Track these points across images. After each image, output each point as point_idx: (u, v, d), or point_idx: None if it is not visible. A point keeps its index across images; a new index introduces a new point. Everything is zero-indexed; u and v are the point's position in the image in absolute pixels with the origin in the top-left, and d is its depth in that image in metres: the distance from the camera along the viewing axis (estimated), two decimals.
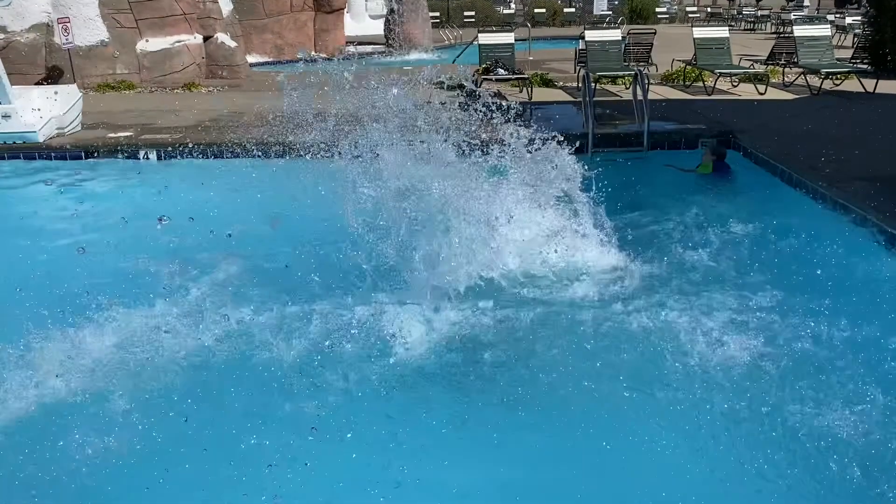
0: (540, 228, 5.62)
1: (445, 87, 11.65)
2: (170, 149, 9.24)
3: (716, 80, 12.39)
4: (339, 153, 5.68)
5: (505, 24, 28.75)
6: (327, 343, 4.56)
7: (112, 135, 9.72)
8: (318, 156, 5.87)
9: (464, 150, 5.56)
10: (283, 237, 6.16)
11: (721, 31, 13.52)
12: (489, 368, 4.38)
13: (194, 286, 5.40)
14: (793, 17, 21.95)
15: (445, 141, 5.53)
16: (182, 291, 5.31)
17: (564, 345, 4.54)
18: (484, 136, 5.97)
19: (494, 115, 5.87)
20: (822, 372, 4.15)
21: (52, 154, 9.29)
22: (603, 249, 5.72)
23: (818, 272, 5.40)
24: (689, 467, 3.52)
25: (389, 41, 22.19)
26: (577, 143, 6.34)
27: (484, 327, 4.77)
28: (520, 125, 5.82)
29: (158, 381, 4.27)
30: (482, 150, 5.70)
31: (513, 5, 34.46)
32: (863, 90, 12.02)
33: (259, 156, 9.03)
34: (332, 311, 4.90)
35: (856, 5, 23.33)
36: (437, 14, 30.30)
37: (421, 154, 5.57)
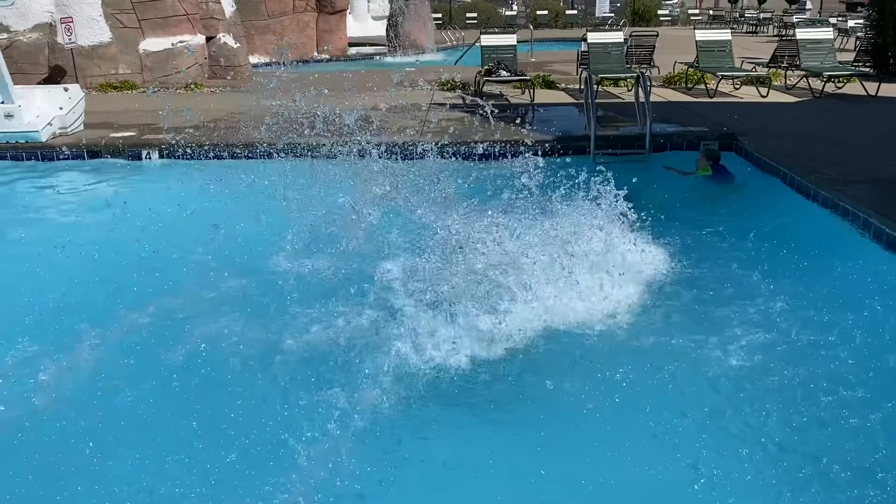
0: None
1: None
2: (172, 149, 9.25)
3: (718, 83, 12.39)
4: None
5: (507, 25, 28.78)
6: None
7: (114, 134, 9.73)
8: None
9: None
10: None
11: (723, 34, 13.51)
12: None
13: (199, 285, 5.40)
14: (795, 19, 21.94)
15: None
16: (186, 290, 5.31)
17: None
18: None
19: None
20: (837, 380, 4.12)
21: (55, 154, 9.30)
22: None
23: (818, 275, 5.41)
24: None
25: (391, 42, 22.22)
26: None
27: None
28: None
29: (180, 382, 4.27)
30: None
31: (515, 7, 34.52)
32: (865, 93, 12.02)
33: (260, 156, 9.04)
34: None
35: (867, 9, 23.26)
36: (440, 15, 30.37)
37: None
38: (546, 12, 34.08)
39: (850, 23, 22.50)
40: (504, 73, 12.09)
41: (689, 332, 4.67)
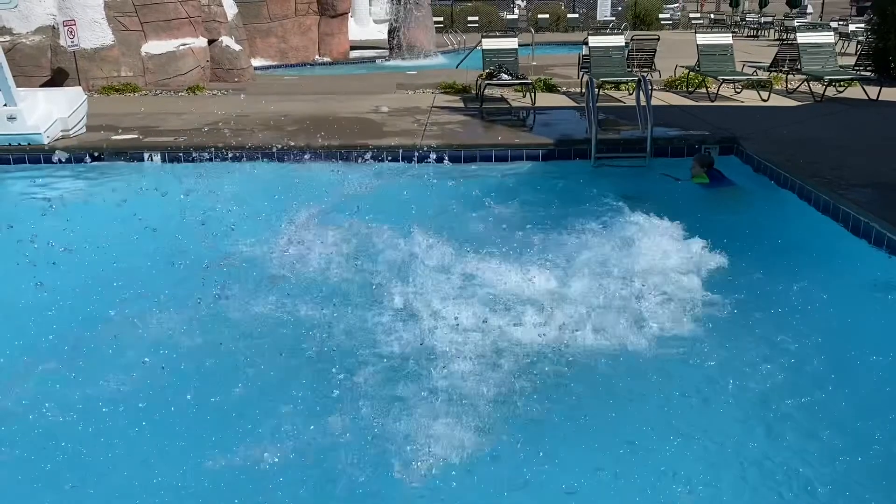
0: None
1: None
2: (174, 151, 9.27)
3: (719, 87, 12.41)
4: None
5: (508, 29, 28.83)
6: None
7: (117, 137, 9.75)
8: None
9: None
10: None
11: (724, 38, 13.54)
12: None
13: (207, 287, 5.40)
14: (796, 24, 21.98)
15: None
16: (194, 292, 5.32)
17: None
18: None
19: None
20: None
21: (57, 156, 9.30)
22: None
23: (819, 280, 5.41)
24: None
25: (393, 46, 22.25)
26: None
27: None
28: None
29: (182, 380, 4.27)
30: None
31: (516, 10, 34.52)
32: (866, 97, 12.03)
33: (262, 158, 9.07)
34: None
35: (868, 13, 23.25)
36: (441, 19, 30.39)
37: None
38: (547, 16, 34.11)
39: (851, 27, 22.53)
40: (505, 76, 12.11)
41: (689, 339, 4.67)
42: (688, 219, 6.33)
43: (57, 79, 13.51)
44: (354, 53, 22.86)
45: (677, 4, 39.34)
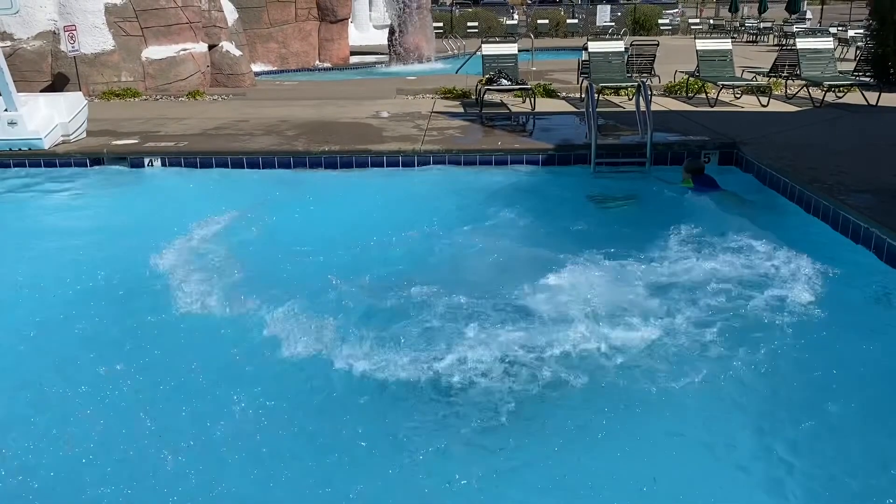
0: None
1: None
2: (174, 156, 9.27)
3: (718, 92, 12.43)
4: None
5: (508, 34, 28.84)
6: None
7: (117, 142, 9.76)
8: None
9: None
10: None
11: (724, 43, 13.55)
12: None
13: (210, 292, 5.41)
14: (795, 29, 21.99)
15: None
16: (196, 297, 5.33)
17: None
18: None
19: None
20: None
21: (58, 161, 9.32)
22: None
23: (819, 285, 5.41)
24: None
25: (393, 51, 22.29)
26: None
27: None
28: None
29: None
30: None
31: (516, 16, 34.55)
32: (865, 103, 12.05)
33: (261, 165, 9.08)
34: None
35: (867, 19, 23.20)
36: (441, 24, 30.42)
37: None
38: (547, 21, 34.15)
39: (851, 32, 22.57)
40: (505, 81, 12.13)
41: (686, 342, 4.67)
42: (681, 226, 6.37)
43: (57, 84, 13.54)
44: (354, 59, 22.91)
45: (676, 10, 39.38)
